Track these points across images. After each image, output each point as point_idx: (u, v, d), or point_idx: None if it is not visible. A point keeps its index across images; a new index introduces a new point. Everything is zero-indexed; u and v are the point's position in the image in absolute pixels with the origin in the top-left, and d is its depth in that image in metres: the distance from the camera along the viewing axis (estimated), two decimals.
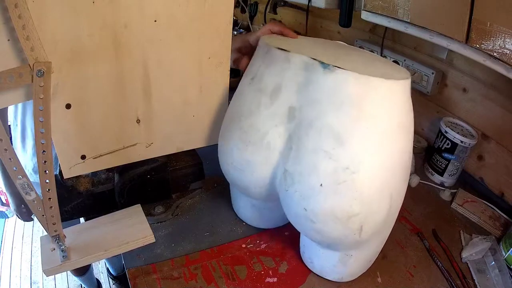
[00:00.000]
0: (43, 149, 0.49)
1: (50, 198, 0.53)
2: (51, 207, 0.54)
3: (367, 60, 0.57)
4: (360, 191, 0.51)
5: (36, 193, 0.52)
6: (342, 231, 0.54)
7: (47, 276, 0.57)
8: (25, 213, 1.19)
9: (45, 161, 0.50)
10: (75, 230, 0.64)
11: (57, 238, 0.57)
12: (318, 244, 0.62)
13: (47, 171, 0.51)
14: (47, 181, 0.51)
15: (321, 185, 0.51)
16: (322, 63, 0.51)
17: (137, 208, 0.70)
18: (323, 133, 0.51)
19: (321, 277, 0.68)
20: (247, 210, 0.76)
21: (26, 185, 0.50)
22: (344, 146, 0.50)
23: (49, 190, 0.52)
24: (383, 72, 0.52)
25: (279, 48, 0.56)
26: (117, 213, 0.68)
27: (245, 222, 0.79)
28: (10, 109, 1.02)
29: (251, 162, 0.60)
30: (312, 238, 0.60)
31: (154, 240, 0.66)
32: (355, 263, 0.64)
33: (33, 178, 1.09)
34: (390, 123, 0.51)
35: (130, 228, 0.65)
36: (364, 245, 0.61)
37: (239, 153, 0.61)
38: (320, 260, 0.66)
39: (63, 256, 0.58)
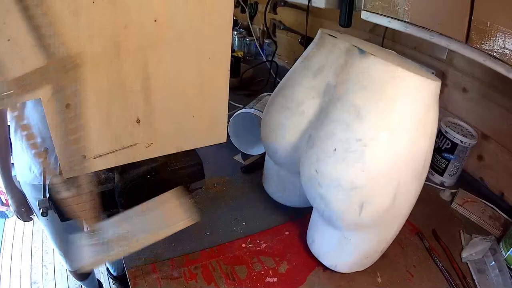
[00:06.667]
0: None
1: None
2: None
3: (404, 62, 0.60)
4: (367, 166, 0.54)
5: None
6: (343, 202, 0.57)
7: (83, 271, 0.58)
8: (24, 214, 1.18)
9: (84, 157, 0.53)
10: (113, 223, 0.64)
11: (94, 232, 0.58)
12: (321, 217, 0.64)
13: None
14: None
15: (334, 150, 0.57)
16: (360, 49, 0.58)
17: (173, 193, 0.69)
18: (346, 107, 0.58)
19: (321, 277, 0.69)
20: (275, 182, 0.86)
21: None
22: (361, 120, 0.55)
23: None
24: (413, 71, 0.55)
25: (330, 35, 0.66)
26: (150, 202, 0.67)
27: (270, 197, 0.88)
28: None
29: (284, 125, 0.70)
30: (317, 206, 0.63)
31: (195, 221, 0.63)
32: (351, 251, 0.64)
33: (38, 180, 1.07)
34: (408, 115, 0.54)
35: (167, 213, 0.65)
36: (363, 232, 0.62)
37: (277, 116, 0.71)
38: (320, 239, 0.68)
39: (102, 249, 0.57)
